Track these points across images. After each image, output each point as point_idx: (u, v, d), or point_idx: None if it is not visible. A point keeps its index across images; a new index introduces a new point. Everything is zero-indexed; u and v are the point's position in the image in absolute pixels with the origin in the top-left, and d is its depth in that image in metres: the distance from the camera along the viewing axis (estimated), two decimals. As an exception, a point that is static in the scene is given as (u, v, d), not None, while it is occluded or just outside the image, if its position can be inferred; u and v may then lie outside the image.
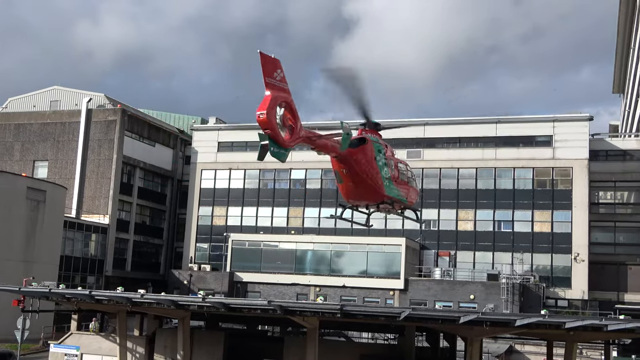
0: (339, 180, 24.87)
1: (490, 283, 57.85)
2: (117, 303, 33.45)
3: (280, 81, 20.54)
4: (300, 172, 69.76)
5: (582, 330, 29.68)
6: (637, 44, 64.67)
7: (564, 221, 60.93)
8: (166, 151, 76.39)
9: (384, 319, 30.52)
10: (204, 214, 72.46)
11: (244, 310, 32.26)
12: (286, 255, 64.06)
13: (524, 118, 64.98)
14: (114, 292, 34.12)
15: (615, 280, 59.84)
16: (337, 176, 25.01)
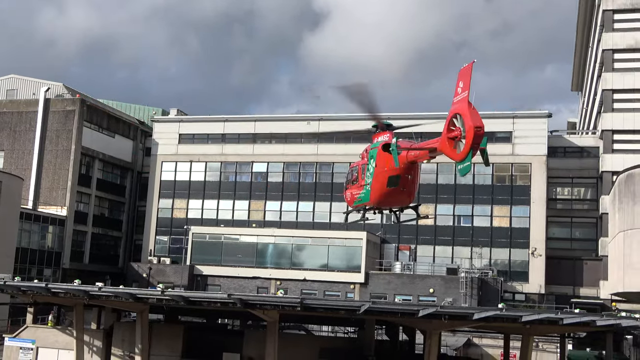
0: (392, 184, 25.42)
1: (449, 277, 58.47)
2: (74, 296, 33.04)
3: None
4: (262, 165, 69.58)
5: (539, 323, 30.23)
6: (596, 42, 65.83)
7: (522, 216, 61.87)
8: (126, 142, 75.47)
9: (344, 312, 30.69)
10: (164, 206, 71.83)
11: (204, 303, 32.15)
12: (247, 248, 63.87)
13: (485, 114, 64.95)
14: (71, 285, 33.72)
15: (572, 274, 60.94)
16: (393, 181, 25.39)
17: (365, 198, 26.62)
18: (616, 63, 59.72)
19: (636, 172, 36.67)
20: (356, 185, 27.36)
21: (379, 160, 25.83)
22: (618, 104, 59.32)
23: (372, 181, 25.93)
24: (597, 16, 63.99)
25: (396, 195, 26.10)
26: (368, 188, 26.25)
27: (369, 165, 26.31)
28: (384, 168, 25.61)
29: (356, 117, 68.84)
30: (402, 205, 27.53)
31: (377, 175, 25.74)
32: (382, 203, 26.82)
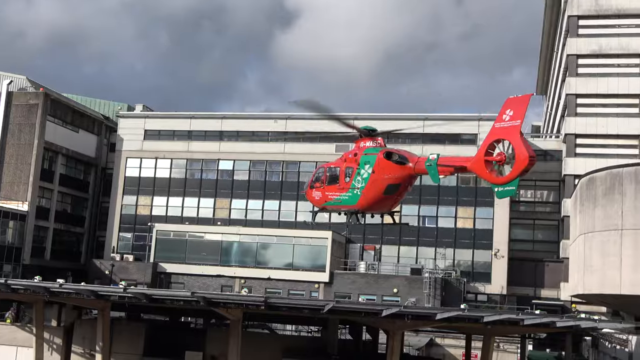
0: (389, 192, 26.29)
1: (413, 277, 58.86)
2: (34, 293, 32.56)
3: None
4: (228, 162, 69.27)
5: (500, 324, 30.60)
6: (560, 47, 66.80)
7: (485, 218, 62.56)
8: (90, 138, 74.54)
9: (308, 311, 30.73)
10: (128, 203, 71.12)
11: (167, 301, 31.92)
12: (211, 246, 63.55)
13: (451, 116, 66.32)
14: (31, 281, 33.22)
15: (533, 276, 61.78)
16: (392, 189, 26.24)
17: (351, 201, 26.81)
18: (580, 68, 60.67)
19: (597, 176, 37.28)
20: (334, 187, 27.34)
21: (380, 167, 26.20)
22: (581, 108, 60.27)
23: (365, 186, 26.18)
24: (563, 21, 64.96)
25: (387, 202, 26.91)
26: (358, 192, 26.48)
27: (360, 169, 26.46)
28: (384, 176, 26.11)
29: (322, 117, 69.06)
30: (386, 211, 28.17)
31: (375, 182, 26.09)
32: (370, 208, 27.30)
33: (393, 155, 26.34)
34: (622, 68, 59.67)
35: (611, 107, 59.54)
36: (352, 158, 27.16)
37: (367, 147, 26.85)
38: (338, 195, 27.22)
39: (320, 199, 28.03)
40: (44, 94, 67.33)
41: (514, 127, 22.67)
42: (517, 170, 22.55)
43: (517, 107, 22.85)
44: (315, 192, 28.35)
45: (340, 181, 27.16)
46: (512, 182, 22.89)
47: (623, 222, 34.34)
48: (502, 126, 23.06)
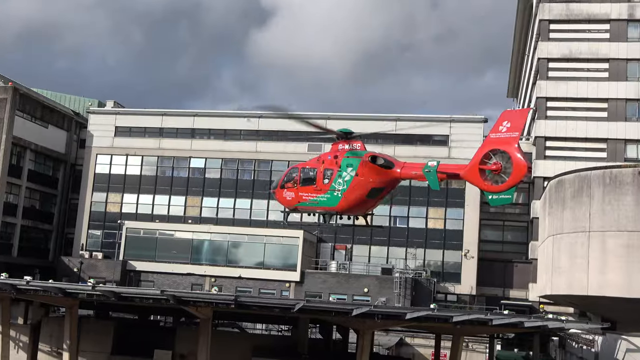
0: (372, 196, 26.85)
1: (384, 277, 59.09)
2: (1, 290, 32.08)
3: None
4: (199, 160, 68.91)
5: (469, 324, 30.86)
6: (532, 51, 67.56)
7: (456, 219, 63.04)
8: (60, 133, 73.63)
9: (279, 310, 30.70)
10: (98, 200, 70.41)
11: (136, 299, 31.66)
12: (182, 244, 63.18)
13: (423, 117, 66.71)
14: (-2, 278, 32.71)
15: (502, 277, 62.41)
16: (375, 193, 26.81)
17: (331, 203, 26.93)
18: (550, 72, 61.44)
19: (566, 178, 37.76)
20: (310, 188, 27.35)
21: (365, 170, 26.43)
22: (551, 111, 61.03)
23: (348, 189, 26.32)
24: (534, 25, 65.70)
25: (368, 204, 27.39)
26: (339, 195, 26.61)
27: (342, 172, 26.54)
28: (369, 179, 26.31)
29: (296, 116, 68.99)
30: (362, 213, 28.49)
31: (359, 185, 26.33)
32: (350, 211, 27.49)
33: (379, 159, 26.63)
34: (591, 72, 60.57)
35: (580, 110, 60.41)
36: (332, 160, 27.15)
37: (349, 150, 26.96)
38: (315, 196, 27.26)
39: (292, 199, 28.01)
40: (13, 89, 66.35)
41: (512, 139, 23.49)
42: (515, 180, 23.62)
43: (514, 120, 23.68)
44: (287, 192, 28.29)
45: (317, 182, 27.16)
46: (508, 190, 23.90)
47: (591, 225, 34.83)
48: (498, 137, 23.65)
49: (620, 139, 58.94)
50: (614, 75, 59.86)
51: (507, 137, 23.58)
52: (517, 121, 23.85)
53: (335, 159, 27.09)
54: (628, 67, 59.89)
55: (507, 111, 25.18)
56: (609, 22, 60.51)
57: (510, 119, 23.93)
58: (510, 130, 23.57)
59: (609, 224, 34.12)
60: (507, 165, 23.57)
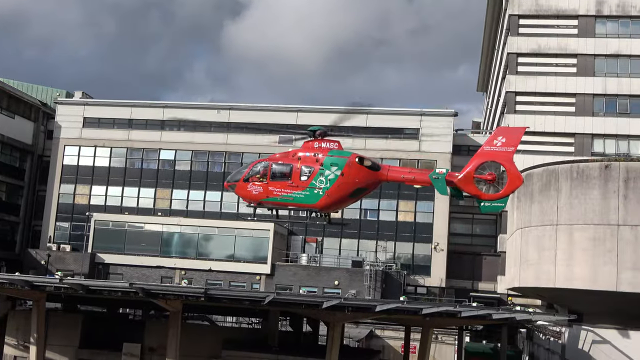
0: (355, 195, 27.69)
1: (354, 270, 59.30)
2: (-34, 283, 31.56)
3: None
4: (169, 152, 68.40)
5: (438, 316, 31.10)
6: (501, 46, 68.11)
7: (426, 212, 63.45)
8: (27, 124, 72.53)
9: (249, 303, 30.65)
10: (66, 191, 69.56)
11: (104, 292, 31.36)
12: (151, 237, 62.68)
13: (394, 111, 66.91)
14: (-38, 271, 32.19)
15: (471, 269, 63.02)
16: (360, 193, 27.70)
17: (310, 200, 26.98)
18: (520, 66, 62.07)
19: (535, 172, 38.18)
20: (284, 184, 27.30)
21: (350, 171, 26.89)
22: (520, 105, 61.66)
23: (331, 187, 26.55)
24: (504, 20, 66.23)
25: (346, 203, 27.84)
26: (320, 192, 26.73)
27: (324, 170, 26.66)
28: (355, 179, 26.85)
29: (267, 108, 68.96)
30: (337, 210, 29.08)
31: (344, 184, 26.73)
32: (329, 208, 27.65)
33: (366, 161, 27.39)
34: (560, 67, 61.30)
35: (549, 105, 61.14)
36: (311, 157, 27.16)
37: (332, 149, 27.24)
38: (290, 192, 27.22)
39: (259, 193, 27.80)
40: (-22, 78, 65.18)
41: (508, 153, 25.45)
42: (510, 189, 25.63)
43: (510, 136, 25.76)
44: (253, 186, 27.99)
45: (293, 179, 27.13)
46: (502, 199, 25.81)
47: (558, 218, 35.29)
48: (493, 150, 25.61)
49: (588, 133, 59.82)
50: (581, 71, 60.66)
51: (503, 151, 25.51)
52: (513, 138, 25.82)
53: (316, 157, 27.14)
54: (595, 63, 60.74)
55: (501, 128, 27.79)
56: (577, 18, 61.29)
57: (506, 135, 25.92)
58: (505, 145, 25.52)
59: (576, 217, 34.60)
60: (502, 176, 25.47)
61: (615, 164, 34.17)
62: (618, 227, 33.13)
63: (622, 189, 33.45)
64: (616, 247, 32.93)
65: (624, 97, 59.87)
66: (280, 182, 27.38)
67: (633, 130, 59.23)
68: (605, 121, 59.66)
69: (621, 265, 32.69)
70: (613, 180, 33.77)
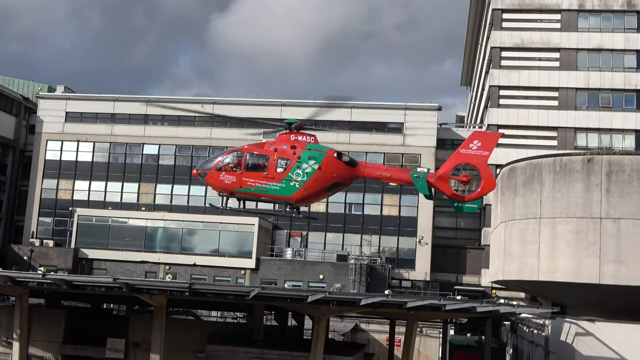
0: (331, 189, 27.71)
1: (339, 264, 59.42)
2: (-53, 279, 31.23)
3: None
4: (153, 147, 68.05)
5: (423, 309, 31.19)
6: (485, 40, 68.32)
7: (410, 205, 63.59)
8: (8, 119, 71.85)
9: (234, 297, 30.54)
10: (48, 186, 69.05)
11: (88, 288, 31.16)
12: (135, 232, 62.41)
13: (378, 104, 66.93)
14: (-56, 267, 31.86)
15: (455, 262, 63.24)
16: (336, 188, 27.85)
17: (285, 193, 26.88)
18: (503, 60, 62.29)
19: (518, 166, 38.38)
20: (259, 175, 27.12)
21: (328, 165, 26.88)
22: (504, 100, 61.93)
23: (308, 181, 26.56)
24: (487, 14, 66.42)
25: (322, 197, 28.00)
26: (296, 185, 26.70)
27: (301, 163, 26.61)
28: (332, 174, 26.88)
29: (250, 102, 68.76)
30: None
31: (321, 178, 26.78)
32: (305, 201, 27.60)
33: (344, 156, 27.49)
34: (543, 62, 61.60)
35: (532, 99, 61.45)
36: (288, 150, 27.05)
37: (310, 143, 27.25)
38: (264, 183, 27.06)
39: (232, 183, 27.53)
40: (-41, 72, 64.44)
41: (483, 156, 25.73)
42: (484, 192, 26.28)
43: (485, 141, 26.05)
44: (225, 176, 27.66)
45: (269, 170, 26.99)
46: (475, 201, 26.57)
47: (541, 211, 35.53)
48: (468, 153, 25.91)
49: (571, 127, 60.19)
50: (564, 65, 61.00)
51: (478, 154, 25.76)
52: (488, 142, 26.05)
53: (293, 150, 27.02)
54: (578, 57, 61.08)
55: (476, 132, 28.21)
56: (560, 12, 61.59)
57: (481, 140, 26.18)
58: (481, 149, 25.76)
59: (559, 210, 34.85)
60: (476, 179, 25.89)
61: (598, 158, 34.43)
62: (601, 220, 33.41)
63: (604, 182, 33.72)
64: (599, 240, 33.21)
65: (606, 91, 60.28)
66: (255, 173, 27.18)
67: (615, 124, 59.68)
68: (588, 115, 60.05)
69: (604, 258, 32.98)
70: (595, 174, 34.02)
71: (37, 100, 72.15)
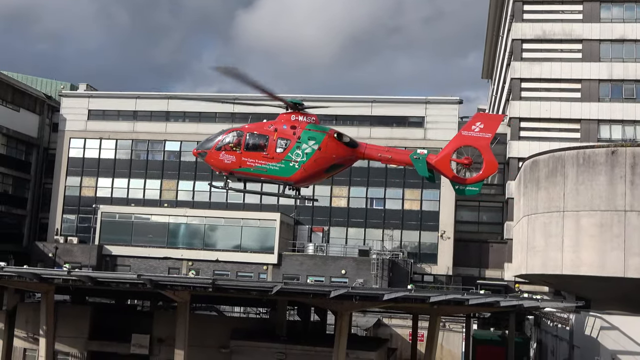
0: (330, 171, 27.25)
1: (361, 259, 59.40)
2: (-26, 276, 31.68)
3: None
4: (175, 144, 68.41)
5: (446, 304, 31.12)
6: (506, 32, 67.80)
7: (432, 200, 63.38)
8: (32, 117, 72.65)
9: (256, 293, 30.65)
10: (72, 184, 69.73)
11: (112, 284, 31.45)
12: (158, 228, 62.88)
13: (399, 99, 66.75)
14: (-30, 264, 32.25)
15: (478, 257, 62.96)
16: (336, 169, 27.47)
17: (284, 173, 26.59)
18: (524, 53, 61.74)
19: (541, 158, 38.08)
20: (259, 155, 26.87)
21: (328, 146, 26.47)
22: (525, 92, 61.41)
23: (308, 161, 26.28)
24: (508, 6, 65.87)
25: (321, 178, 27.59)
26: (296, 166, 26.39)
27: (301, 144, 26.38)
28: (332, 155, 26.49)
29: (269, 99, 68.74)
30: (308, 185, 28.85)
31: (321, 159, 26.38)
32: (304, 182, 27.25)
33: (345, 137, 26.80)
34: (565, 53, 60.98)
35: (554, 91, 60.86)
36: (288, 130, 26.84)
37: (310, 124, 26.95)
38: (264, 163, 26.80)
39: (232, 163, 27.21)
40: (-17, 72, 65.29)
41: (485, 139, 24.96)
42: (485, 175, 25.40)
43: (488, 123, 25.37)
44: (225, 155, 27.28)
45: (269, 150, 26.79)
46: (476, 184, 25.56)
47: (565, 204, 35.23)
48: (470, 135, 25.17)
49: (594, 119, 59.56)
50: (587, 56, 60.33)
51: (481, 136, 24.98)
52: (491, 124, 25.37)
53: (293, 130, 26.80)
54: (601, 48, 60.37)
55: (479, 114, 26.93)
56: (582, 3, 60.88)
57: (484, 121, 25.43)
58: (483, 131, 25.01)
59: (582, 203, 34.53)
60: (478, 161, 25.10)
61: (622, 150, 34.05)
62: (625, 213, 33.07)
63: (628, 174, 33.35)
64: (623, 233, 32.87)
65: (629, 82, 59.53)
66: (254, 152, 26.89)
67: (639, 116, 58.93)
68: (612, 107, 59.39)
69: (628, 251, 32.65)
70: (619, 166, 33.65)
71: (60, 99, 72.83)
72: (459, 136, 25.84)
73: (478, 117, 26.14)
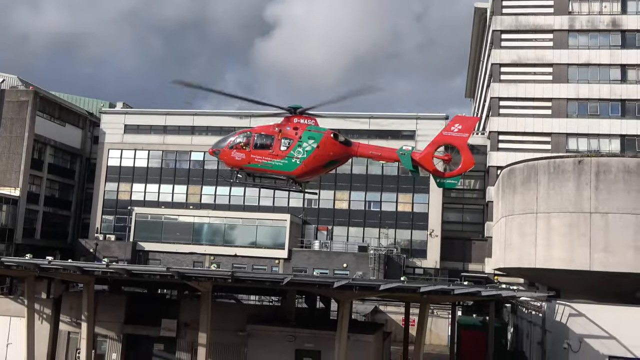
0: (328, 166, 27.35)
1: (360, 254, 59.31)
2: (26, 269, 31.70)
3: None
4: (199, 154, 68.52)
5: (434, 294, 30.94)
6: (486, 57, 67.75)
7: (422, 203, 63.32)
8: (76, 131, 72.91)
9: (269, 283, 30.58)
10: (110, 189, 69.93)
11: (145, 276, 31.40)
12: (185, 227, 62.95)
13: (393, 115, 66.82)
14: (23, 258, 32.25)
15: (462, 252, 62.83)
16: (332, 165, 27.55)
17: (287, 168, 26.80)
18: (502, 75, 61.71)
19: (517, 167, 37.97)
20: (265, 152, 27.05)
21: (325, 144, 26.64)
22: (503, 109, 61.33)
23: (307, 158, 26.39)
24: (488, 35, 65.87)
25: (319, 172, 27.62)
26: (297, 162, 26.58)
27: (302, 142, 26.54)
28: (329, 152, 26.65)
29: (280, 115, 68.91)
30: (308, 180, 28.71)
31: (319, 156, 26.54)
32: (304, 177, 27.39)
33: (340, 137, 27.10)
34: (537, 75, 60.90)
35: (528, 108, 60.76)
36: (291, 131, 27.01)
37: (310, 125, 27.08)
38: (269, 160, 26.97)
39: (242, 160, 27.42)
40: (34, 92, 65.61)
41: (463, 138, 25.10)
42: (463, 170, 25.42)
43: (465, 124, 25.45)
44: (236, 153, 27.64)
45: (274, 148, 26.94)
46: (454, 177, 25.70)
47: (538, 207, 35.12)
48: (450, 134, 25.34)
49: (563, 133, 59.43)
50: (557, 78, 60.26)
51: (459, 136, 25.09)
52: (468, 125, 25.48)
53: (295, 130, 26.93)
54: (569, 71, 60.32)
55: (458, 116, 26.63)
56: (553, 32, 60.86)
57: (462, 123, 25.51)
58: (461, 132, 25.09)
59: (553, 206, 34.41)
60: (457, 158, 25.17)
61: (587, 160, 33.95)
62: (590, 215, 32.94)
63: (593, 181, 33.24)
64: (589, 232, 32.73)
65: (594, 101, 59.44)
66: (261, 150, 27.07)
67: (602, 130, 58.82)
68: (579, 122, 59.27)
69: (594, 248, 32.51)
70: (585, 174, 33.55)
71: (100, 115, 73.07)
72: (440, 136, 26.03)
73: (457, 119, 26.12)
